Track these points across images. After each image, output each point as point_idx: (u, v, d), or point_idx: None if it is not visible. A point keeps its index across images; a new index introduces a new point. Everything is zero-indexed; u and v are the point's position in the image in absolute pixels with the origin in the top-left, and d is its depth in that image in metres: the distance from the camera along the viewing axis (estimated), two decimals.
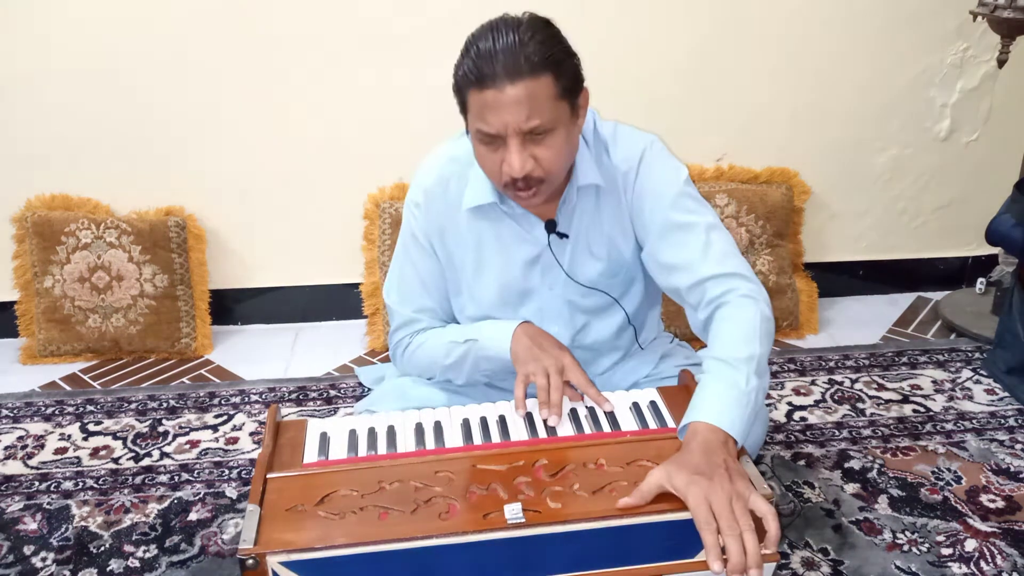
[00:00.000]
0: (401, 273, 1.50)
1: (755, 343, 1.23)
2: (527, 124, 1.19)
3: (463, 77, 1.21)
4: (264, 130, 2.40)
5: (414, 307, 1.49)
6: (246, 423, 2.10)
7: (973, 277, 2.73)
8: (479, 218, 1.41)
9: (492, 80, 1.16)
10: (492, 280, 1.45)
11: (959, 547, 1.62)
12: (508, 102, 1.17)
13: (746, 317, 1.26)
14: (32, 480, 1.89)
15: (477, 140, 1.25)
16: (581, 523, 1.04)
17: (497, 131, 1.20)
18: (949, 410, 2.08)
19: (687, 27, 2.39)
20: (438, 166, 1.44)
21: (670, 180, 1.37)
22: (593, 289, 1.44)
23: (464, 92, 1.22)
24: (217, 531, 1.71)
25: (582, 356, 1.47)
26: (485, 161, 1.27)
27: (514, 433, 1.24)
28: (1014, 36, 2.23)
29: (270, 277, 2.60)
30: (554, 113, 1.21)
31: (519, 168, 1.21)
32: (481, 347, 1.41)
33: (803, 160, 2.54)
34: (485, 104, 1.19)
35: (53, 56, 2.29)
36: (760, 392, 1.21)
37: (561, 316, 1.47)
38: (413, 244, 1.46)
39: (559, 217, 1.39)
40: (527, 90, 1.17)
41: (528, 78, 1.17)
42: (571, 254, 1.42)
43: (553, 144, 1.23)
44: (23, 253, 2.42)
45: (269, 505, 1.09)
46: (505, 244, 1.42)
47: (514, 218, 1.40)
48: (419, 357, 1.50)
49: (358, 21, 2.30)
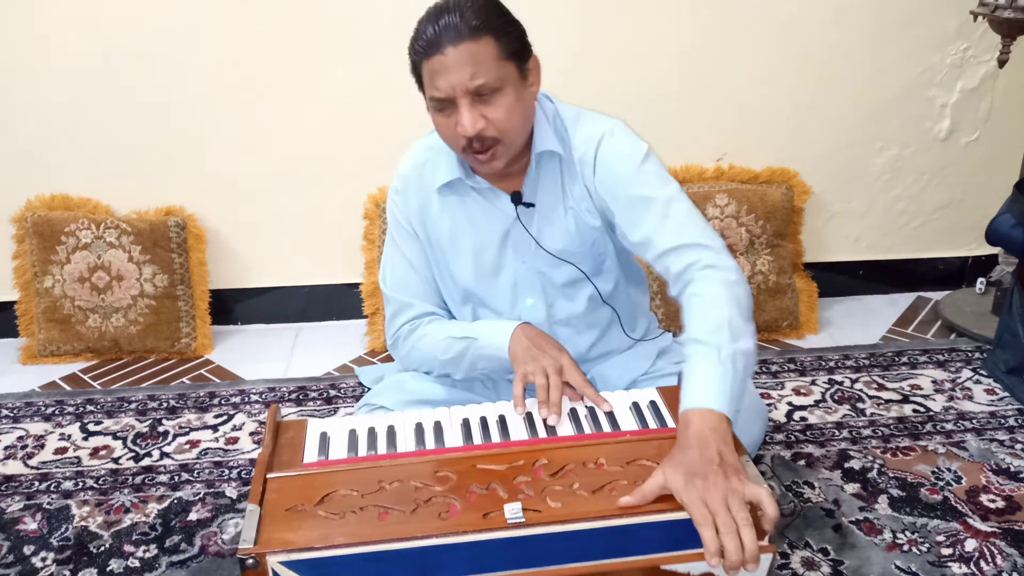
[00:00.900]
0: (392, 260, 1.54)
1: (721, 310, 1.22)
2: (472, 83, 1.25)
3: (414, 53, 1.30)
4: (264, 130, 2.41)
5: (407, 292, 1.52)
6: (246, 423, 2.10)
7: (973, 277, 2.73)
8: (449, 195, 1.46)
9: (437, 47, 1.25)
10: (467, 257, 1.48)
11: (959, 547, 1.62)
12: (452, 64, 1.24)
13: (709, 291, 1.26)
14: (32, 480, 1.89)
15: (433, 110, 1.32)
16: (581, 523, 1.04)
17: (446, 94, 1.26)
18: (949, 410, 2.08)
19: (687, 27, 2.39)
20: (414, 155, 1.51)
21: (629, 157, 1.39)
22: (562, 260, 1.46)
23: (418, 67, 1.31)
24: (217, 531, 1.71)
25: (562, 334, 1.49)
26: (442, 129, 1.33)
27: (514, 433, 1.24)
28: (1014, 36, 2.23)
29: (270, 277, 2.60)
30: (499, 72, 1.27)
31: (470, 126, 1.27)
32: (479, 346, 1.42)
33: (803, 160, 2.54)
34: (433, 71, 1.26)
35: (53, 56, 2.29)
36: (740, 355, 1.18)
37: (534, 288, 1.49)
38: (397, 230, 1.51)
39: (524, 188, 1.43)
40: (469, 51, 1.24)
41: (468, 40, 1.24)
42: (539, 223, 1.45)
43: (502, 103, 1.28)
44: (23, 253, 2.42)
45: (269, 505, 1.09)
46: (475, 220, 1.46)
47: (481, 193, 1.45)
48: (418, 350, 1.51)
49: (358, 21, 2.30)
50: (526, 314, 1.50)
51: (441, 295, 1.55)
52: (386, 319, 1.57)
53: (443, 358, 1.47)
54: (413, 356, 1.53)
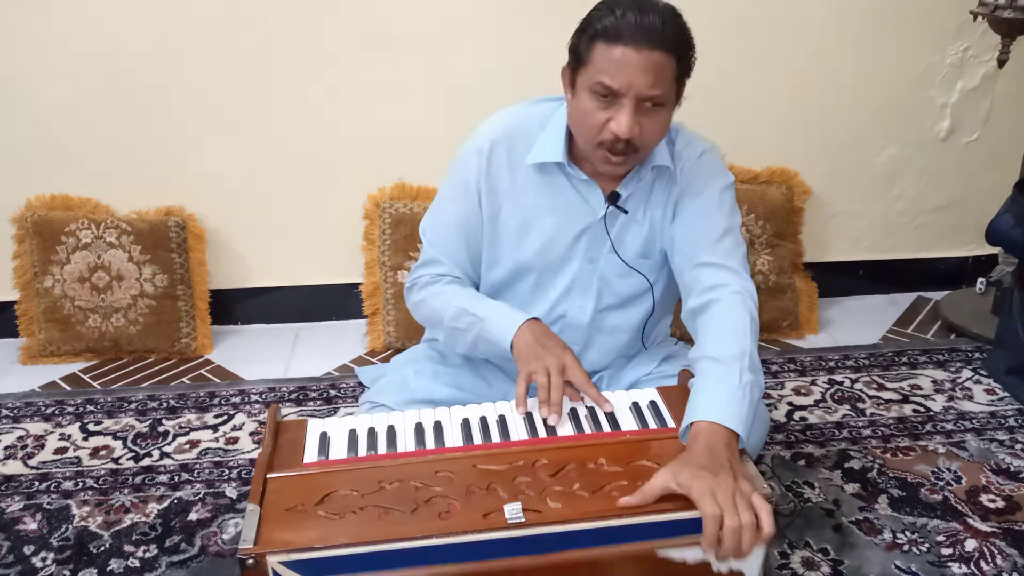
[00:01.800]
0: (442, 215, 1.51)
1: (746, 340, 1.26)
2: (649, 91, 1.25)
3: (602, 28, 1.25)
4: (264, 130, 2.40)
5: (442, 248, 1.50)
6: (246, 423, 2.10)
7: (973, 277, 2.73)
8: (539, 177, 1.44)
9: (631, 39, 1.23)
10: (535, 241, 1.46)
11: (959, 547, 1.62)
12: (639, 64, 1.23)
13: (735, 315, 1.30)
14: (32, 480, 1.89)
15: (591, 92, 1.28)
16: (581, 523, 1.04)
17: (619, 87, 1.25)
18: (949, 410, 2.08)
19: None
20: (509, 122, 1.47)
21: (716, 179, 1.44)
22: (632, 269, 1.47)
23: (592, 42, 1.26)
24: (217, 531, 1.71)
25: (596, 341, 1.51)
26: (589, 117, 1.30)
27: (514, 433, 1.24)
28: (1014, 36, 2.23)
29: (270, 277, 2.60)
30: (669, 91, 1.29)
31: (627, 129, 1.27)
32: (485, 328, 1.41)
33: (803, 160, 2.54)
34: (615, 59, 1.24)
35: (53, 56, 2.29)
36: (755, 387, 1.22)
37: (590, 292, 1.49)
38: (464, 190, 1.47)
39: (622, 191, 1.43)
40: (658, 61, 1.24)
41: (661, 50, 1.24)
42: (620, 228, 1.45)
43: (659, 118, 1.30)
44: (23, 253, 2.42)
45: (269, 505, 1.09)
46: (559, 209, 1.45)
47: (575, 184, 1.43)
48: (428, 304, 1.50)
49: (358, 21, 2.30)
50: (569, 312, 1.50)
51: (477, 265, 1.53)
52: (414, 266, 1.55)
53: (449, 324, 1.46)
54: (422, 308, 1.52)
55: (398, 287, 2.42)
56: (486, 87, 2.34)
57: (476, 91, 2.34)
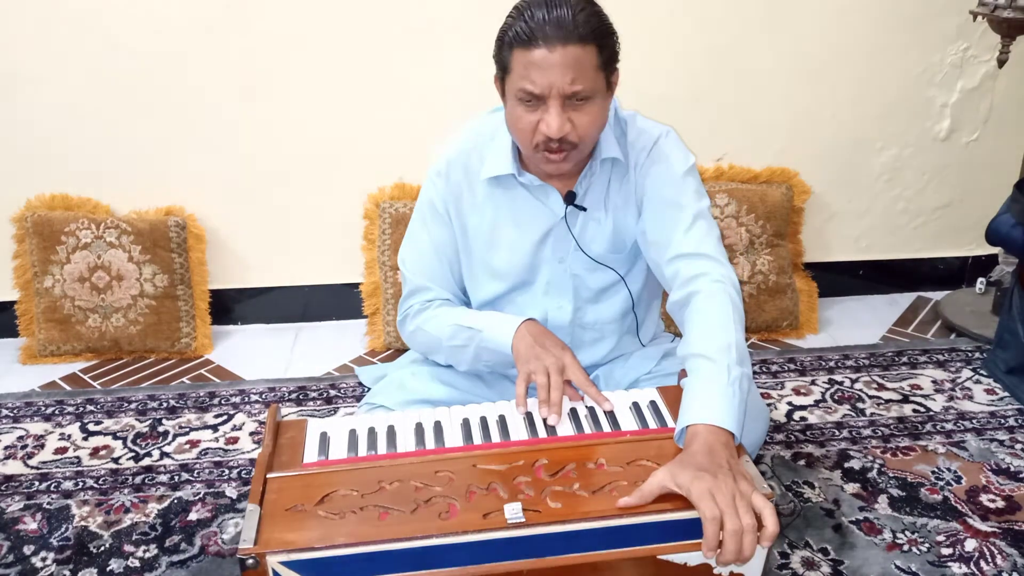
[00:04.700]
0: (417, 241, 1.52)
1: (730, 331, 1.25)
2: (570, 88, 1.24)
3: (514, 36, 1.26)
4: (264, 130, 2.40)
5: (426, 275, 1.52)
6: (246, 423, 2.10)
7: (973, 277, 2.73)
8: (496, 188, 1.45)
9: (543, 41, 1.22)
10: (504, 252, 1.48)
11: (959, 547, 1.62)
12: (556, 63, 1.23)
13: (717, 306, 1.29)
14: (32, 480, 1.89)
15: (517, 100, 1.29)
16: (581, 523, 1.04)
17: (541, 91, 1.25)
18: (949, 410, 2.08)
19: (687, 27, 2.38)
20: (462, 139, 1.49)
21: (676, 163, 1.43)
22: (601, 264, 1.47)
23: (510, 50, 1.28)
24: (217, 531, 1.71)
25: (584, 339, 1.51)
26: (520, 122, 1.31)
27: (514, 433, 1.24)
28: (1014, 36, 2.23)
29: (270, 277, 2.60)
30: (594, 83, 1.27)
31: (557, 129, 1.27)
32: (484, 338, 1.42)
33: (803, 160, 2.54)
34: (532, 63, 1.24)
35: (53, 56, 2.29)
36: (744, 379, 1.22)
37: (566, 291, 1.50)
38: (431, 212, 1.49)
39: (578, 189, 1.43)
40: (574, 56, 1.23)
41: (575, 44, 1.23)
42: (582, 226, 1.45)
43: (589, 112, 1.29)
44: (23, 253, 2.42)
45: (269, 505, 1.09)
46: (519, 217, 1.46)
47: (530, 190, 1.44)
48: (424, 331, 1.50)
49: (358, 21, 2.30)
50: (552, 315, 1.51)
51: (461, 283, 1.55)
52: (401, 298, 1.57)
53: (448, 345, 1.47)
54: (419, 336, 1.53)
55: (398, 287, 2.42)
56: (486, 87, 2.33)
57: (476, 91, 2.33)
